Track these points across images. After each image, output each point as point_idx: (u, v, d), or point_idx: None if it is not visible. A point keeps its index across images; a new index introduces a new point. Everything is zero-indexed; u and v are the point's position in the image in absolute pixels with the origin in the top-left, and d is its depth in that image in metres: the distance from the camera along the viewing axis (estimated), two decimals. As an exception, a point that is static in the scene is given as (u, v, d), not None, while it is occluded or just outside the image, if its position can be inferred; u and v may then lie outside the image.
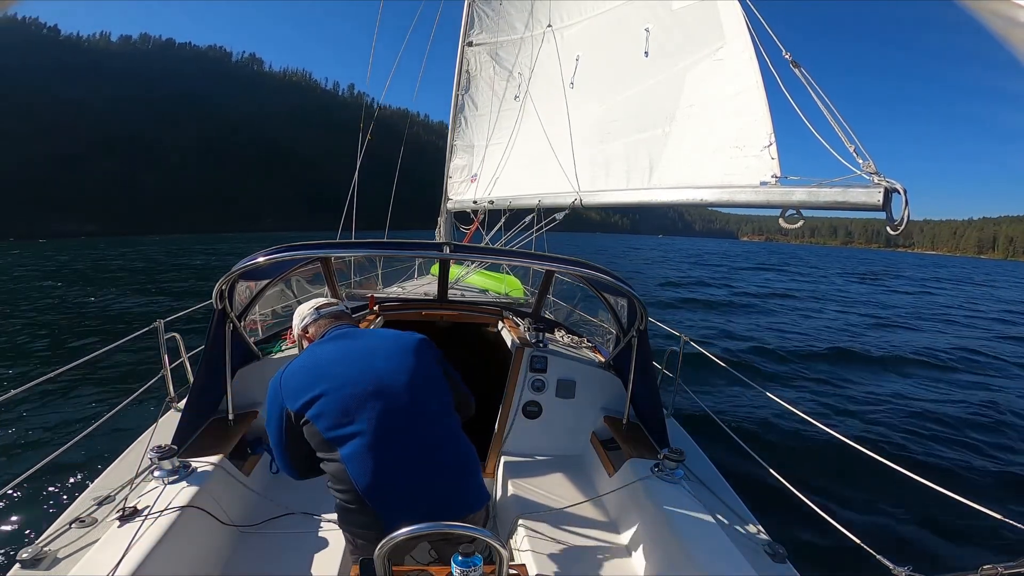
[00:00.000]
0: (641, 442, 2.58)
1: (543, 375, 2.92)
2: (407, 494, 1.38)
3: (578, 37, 3.98)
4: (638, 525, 2.13)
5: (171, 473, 1.94)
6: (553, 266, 2.76)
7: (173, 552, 1.62)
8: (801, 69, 1.84)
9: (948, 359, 10.37)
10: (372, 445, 1.38)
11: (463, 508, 1.44)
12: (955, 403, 7.35)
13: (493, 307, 3.94)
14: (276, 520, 2.13)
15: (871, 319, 15.63)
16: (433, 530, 1.16)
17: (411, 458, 1.41)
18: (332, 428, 1.40)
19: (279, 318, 3.60)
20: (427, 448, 1.44)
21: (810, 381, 8.22)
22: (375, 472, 1.37)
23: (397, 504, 1.37)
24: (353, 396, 1.42)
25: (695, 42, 2.68)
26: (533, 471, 2.75)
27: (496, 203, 4.64)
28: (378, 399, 1.42)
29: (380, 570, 1.15)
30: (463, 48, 5.41)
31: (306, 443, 1.49)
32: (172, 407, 2.73)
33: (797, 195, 1.69)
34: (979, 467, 5.32)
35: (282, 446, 1.52)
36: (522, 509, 2.33)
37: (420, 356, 1.56)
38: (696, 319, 13.85)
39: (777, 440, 5.37)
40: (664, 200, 2.50)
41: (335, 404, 1.41)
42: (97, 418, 2.36)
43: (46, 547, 1.62)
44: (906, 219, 1.31)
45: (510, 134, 4.77)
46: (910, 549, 3.63)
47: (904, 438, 5.91)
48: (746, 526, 2.05)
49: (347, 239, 4.05)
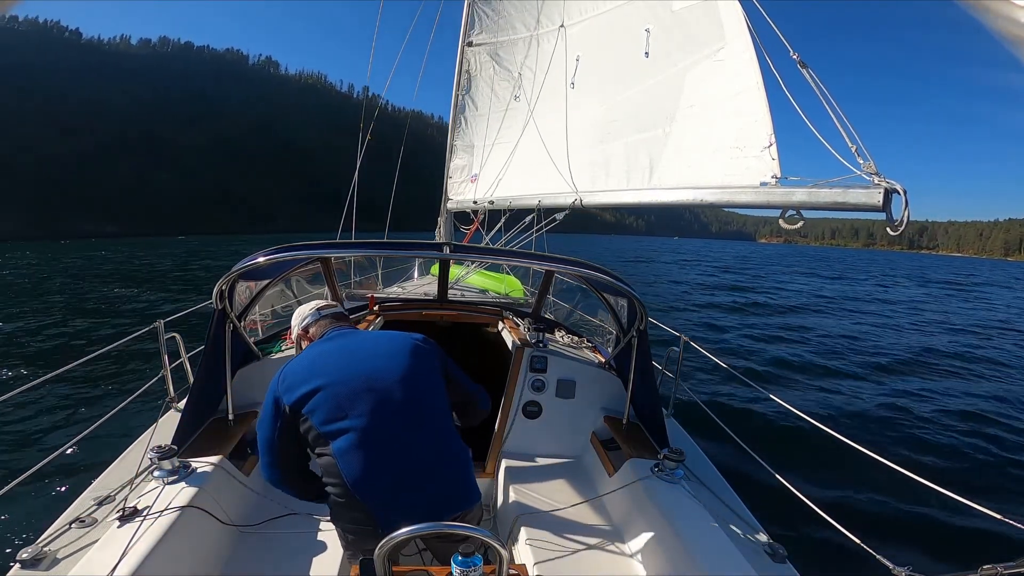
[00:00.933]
0: (641, 442, 2.58)
1: (543, 375, 2.92)
2: (395, 489, 1.40)
3: (578, 37, 3.98)
4: (638, 525, 2.13)
5: (171, 473, 1.94)
6: (553, 266, 2.76)
7: (173, 552, 1.62)
8: (808, 70, 1.83)
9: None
10: (362, 440, 1.40)
11: (453, 506, 1.46)
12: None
13: (493, 307, 3.94)
14: (276, 520, 2.13)
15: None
16: (434, 530, 1.17)
17: (401, 454, 1.43)
18: (327, 422, 1.43)
19: (279, 318, 3.59)
20: (418, 445, 1.46)
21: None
22: (364, 467, 1.39)
23: (386, 499, 1.40)
24: (348, 391, 1.44)
25: (695, 42, 2.68)
26: (533, 471, 2.75)
27: (496, 203, 4.64)
28: (371, 395, 1.45)
29: (380, 570, 1.15)
30: (463, 48, 5.41)
31: (296, 445, 1.51)
32: (172, 407, 2.73)
33: (797, 196, 1.69)
34: (979, 467, 5.32)
35: (269, 442, 1.52)
36: (522, 509, 2.33)
37: (416, 355, 1.58)
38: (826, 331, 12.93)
39: (777, 440, 5.37)
40: (664, 200, 2.50)
41: (330, 399, 1.44)
42: (97, 418, 2.36)
43: (46, 547, 1.62)
44: (906, 220, 1.31)
45: (510, 134, 4.77)
46: (910, 549, 3.62)
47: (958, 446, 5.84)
48: (746, 526, 2.05)
49: (347, 239, 4.05)
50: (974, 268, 78.93)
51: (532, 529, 2.18)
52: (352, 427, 1.41)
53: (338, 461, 1.40)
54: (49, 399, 5.85)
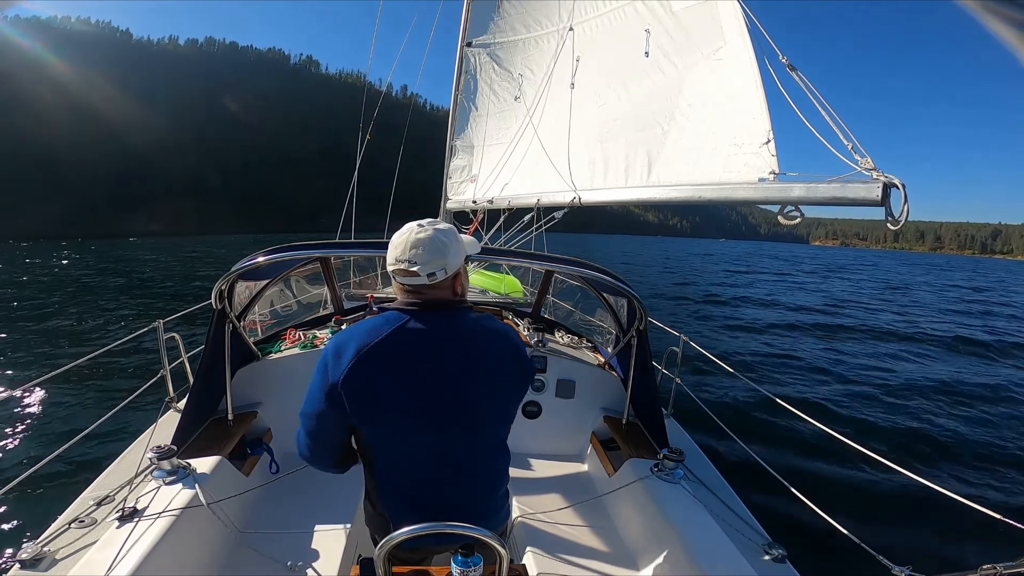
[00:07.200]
0: (641, 442, 2.58)
1: (543, 375, 2.92)
2: (417, 489, 1.26)
3: (579, 38, 3.98)
4: (638, 525, 2.13)
5: (170, 473, 1.94)
6: (553, 266, 2.76)
7: (172, 552, 1.62)
8: (798, 72, 1.84)
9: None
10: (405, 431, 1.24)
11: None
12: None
13: (492, 307, 3.94)
14: (275, 520, 2.13)
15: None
16: (433, 530, 1.16)
17: (440, 454, 1.25)
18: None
19: (279, 318, 3.60)
20: (462, 451, 1.27)
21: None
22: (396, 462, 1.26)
23: (405, 500, 1.26)
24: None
25: (695, 42, 2.69)
26: (533, 471, 2.75)
27: (495, 203, 4.64)
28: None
29: (380, 570, 1.15)
30: (462, 48, 5.41)
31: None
32: (172, 407, 2.73)
33: (795, 191, 1.70)
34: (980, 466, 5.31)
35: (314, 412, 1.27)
36: (522, 509, 2.33)
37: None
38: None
39: (777, 440, 5.36)
40: (663, 198, 2.50)
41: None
42: (97, 418, 2.36)
43: (46, 547, 1.62)
44: (906, 215, 1.31)
45: (510, 134, 4.77)
46: (910, 549, 3.62)
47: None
48: (746, 526, 2.04)
49: (347, 239, 4.05)
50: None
51: (532, 529, 2.18)
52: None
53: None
54: (49, 399, 5.85)
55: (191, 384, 2.63)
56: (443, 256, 1.19)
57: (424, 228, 1.20)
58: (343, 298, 3.77)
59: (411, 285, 1.21)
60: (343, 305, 3.68)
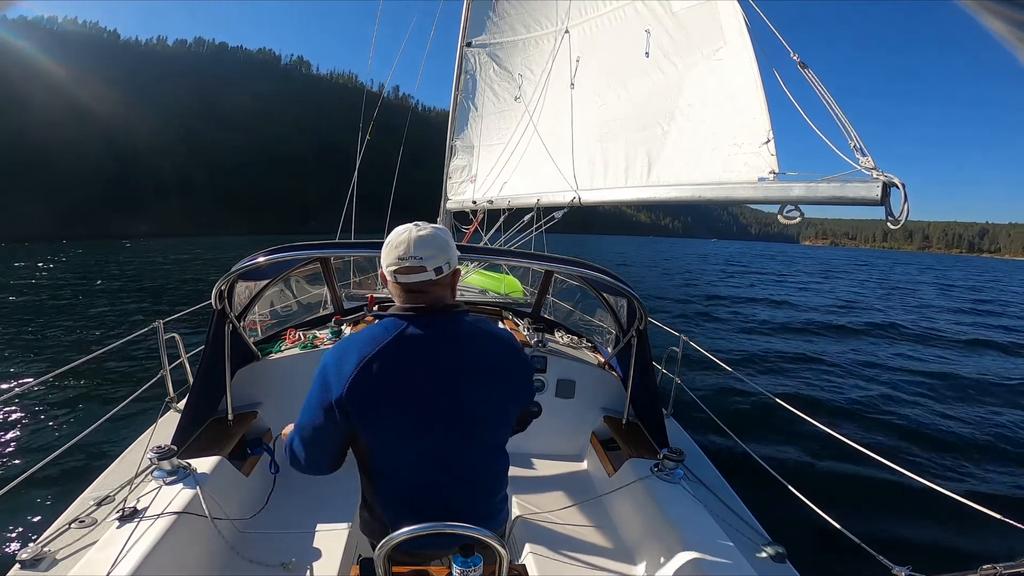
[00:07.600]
0: (641, 442, 2.58)
1: (543, 375, 2.92)
2: (416, 493, 1.25)
3: (579, 38, 3.98)
4: (638, 525, 2.13)
5: (170, 474, 1.94)
6: (552, 266, 2.76)
7: (172, 553, 1.62)
8: (809, 71, 1.83)
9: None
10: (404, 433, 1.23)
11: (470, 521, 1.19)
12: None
13: (492, 307, 3.94)
14: (276, 520, 2.13)
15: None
16: (432, 530, 1.16)
17: (438, 458, 1.25)
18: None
19: (279, 318, 3.60)
20: (460, 454, 1.27)
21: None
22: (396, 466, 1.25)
23: (404, 505, 1.25)
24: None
25: (695, 43, 2.69)
26: (533, 471, 2.75)
27: (495, 203, 4.64)
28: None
29: (380, 570, 1.15)
30: (462, 48, 5.41)
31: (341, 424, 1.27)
32: (172, 407, 2.73)
33: (795, 190, 1.70)
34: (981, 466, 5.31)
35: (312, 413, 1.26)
36: (522, 509, 2.32)
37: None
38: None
39: (777, 440, 5.36)
40: (663, 197, 2.50)
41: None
42: (97, 418, 2.36)
43: (46, 547, 1.62)
44: (906, 214, 1.31)
45: (509, 134, 4.77)
46: (910, 549, 3.62)
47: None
48: (746, 526, 2.04)
49: (347, 239, 4.05)
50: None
51: (532, 529, 2.18)
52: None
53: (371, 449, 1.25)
54: (49, 399, 5.84)
55: (191, 384, 2.63)
56: (446, 251, 1.21)
57: (423, 227, 1.22)
58: (343, 298, 3.77)
59: (415, 283, 1.21)
60: (343, 305, 3.68)
